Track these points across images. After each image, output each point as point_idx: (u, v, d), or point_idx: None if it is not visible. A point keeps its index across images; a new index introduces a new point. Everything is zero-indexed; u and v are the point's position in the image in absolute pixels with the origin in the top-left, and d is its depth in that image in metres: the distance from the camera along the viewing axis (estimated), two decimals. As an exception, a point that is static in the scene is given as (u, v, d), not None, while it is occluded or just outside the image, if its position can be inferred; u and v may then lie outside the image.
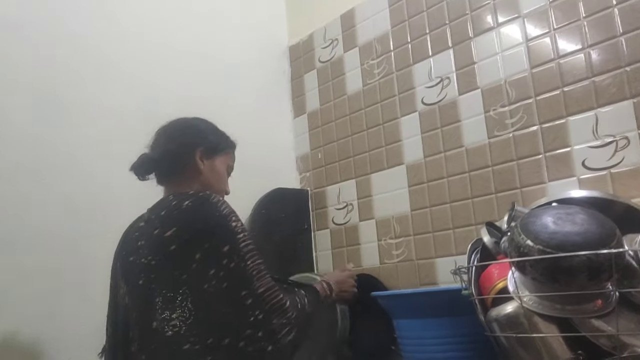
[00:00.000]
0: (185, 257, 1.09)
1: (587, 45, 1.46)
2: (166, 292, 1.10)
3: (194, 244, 1.10)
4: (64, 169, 1.63)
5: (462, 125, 1.72)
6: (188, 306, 1.08)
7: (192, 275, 1.08)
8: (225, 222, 1.12)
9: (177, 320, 1.07)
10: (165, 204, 1.20)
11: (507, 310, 1.09)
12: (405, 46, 1.92)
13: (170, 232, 1.12)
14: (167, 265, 1.11)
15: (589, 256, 0.95)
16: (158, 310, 1.09)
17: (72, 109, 1.69)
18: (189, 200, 1.14)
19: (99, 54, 1.78)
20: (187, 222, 1.12)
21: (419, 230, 1.81)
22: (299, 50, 2.36)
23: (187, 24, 2.06)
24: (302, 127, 2.29)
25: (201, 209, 1.13)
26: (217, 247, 1.09)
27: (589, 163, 1.43)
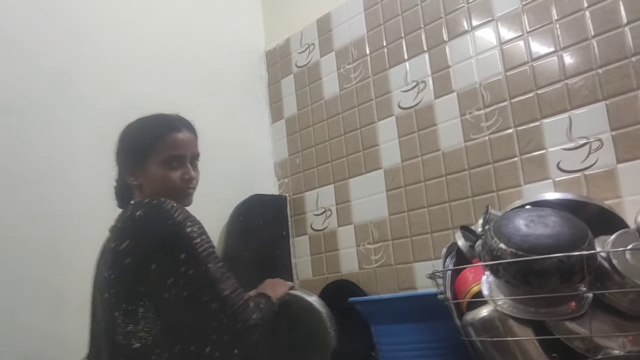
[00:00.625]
0: (141, 269, 1.07)
1: (560, 48, 1.47)
2: (126, 305, 1.08)
3: (148, 255, 1.07)
4: (43, 176, 1.60)
5: (439, 129, 1.72)
6: (151, 317, 1.06)
7: (149, 286, 1.06)
8: (178, 229, 1.08)
9: (143, 332, 1.05)
10: (123, 215, 1.18)
11: (482, 314, 1.08)
12: (381, 50, 1.92)
13: (124, 245, 1.10)
14: (124, 279, 1.09)
15: (561, 258, 0.95)
16: (121, 325, 1.07)
17: (50, 115, 1.65)
18: (141, 210, 1.12)
19: (74, 59, 1.75)
20: (140, 233, 1.10)
21: (397, 235, 1.80)
22: (275, 55, 2.34)
23: (164, 28, 2.03)
24: (280, 133, 2.27)
25: (153, 218, 1.10)
26: (173, 256, 1.06)
27: (564, 165, 1.43)
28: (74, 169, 1.67)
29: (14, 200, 1.54)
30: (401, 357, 1.35)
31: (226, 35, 2.27)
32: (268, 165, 2.28)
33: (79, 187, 1.66)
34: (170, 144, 1.23)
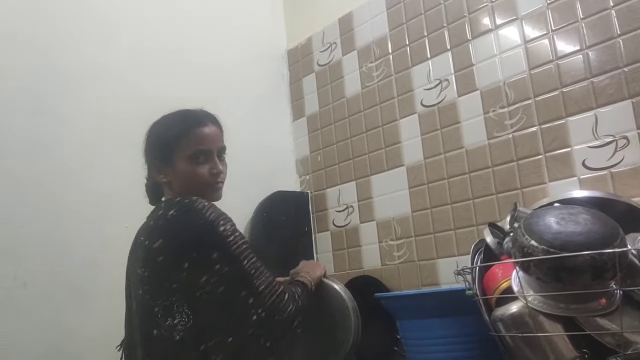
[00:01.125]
0: (173, 267, 1.10)
1: (585, 46, 1.48)
2: (162, 301, 1.11)
3: (180, 254, 1.10)
4: (60, 175, 1.64)
5: (462, 126, 1.73)
6: (186, 312, 1.09)
7: (182, 284, 1.09)
8: (211, 228, 1.10)
9: (180, 325, 1.08)
10: (154, 213, 1.21)
11: (512, 310, 1.09)
12: (404, 49, 1.93)
13: (157, 244, 1.12)
14: (157, 276, 1.12)
15: (593, 256, 0.96)
16: (160, 319, 1.10)
17: (69, 116, 1.68)
18: (173, 210, 1.14)
19: (95, 59, 1.78)
20: (173, 232, 1.12)
21: (420, 232, 1.82)
22: (297, 54, 2.37)
23: (186, 28, 2.06)
24: (302, 130, 2.30)
25: (186, 218, 1.12)
26: (206, 255, 1.09)
27: (589, 163, 1.44)
28: (94, 168, 1.70)
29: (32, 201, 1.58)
30: (428, 351, 1.37)
31: (248, 35, 2.29)
32: (290, 162, 2.31)
33: (99, 186, 1.70)
34: (196, 138, 1.23)
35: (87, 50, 1.77)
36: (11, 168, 1.55)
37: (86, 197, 1.66)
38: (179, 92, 1.92)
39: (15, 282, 1.51)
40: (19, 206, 1.54)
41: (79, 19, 1.77)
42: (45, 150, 1.61)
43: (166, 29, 2.00)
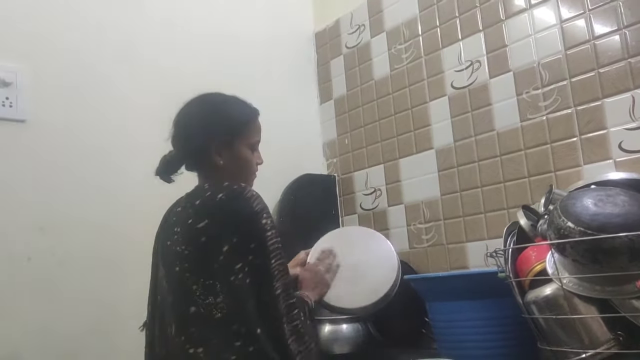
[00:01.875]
0: (214, 249, 1.11)
1: (623, 26, 1.44)
2: (204, 280, 1.11)
3: (223, 237, 1.11)
4: (93, 156, 1.67)
5: (493, 108, 1.71)
6: (225, 293, 1.10)
7: (221, 266, 1.10)
8: (255, 219, 1.11)
9: (223, 303, 1.09)
10: (200, 193, 1.20)
11: (546, 292, 1.09)
12: (434, 30, 1.91)
13: (202, 224, 1.13)
14: (199, 255, 1.13)
15: (631, 237, 0.94)
16: (200, 296, 1.11)
17: (98, 100, 1.72)
18: (222, 194, 1.15)
19: (122, 42, 1.80)
20: (219, 215, 1.13)
21: (449, 215, 1.81)
22: (325, 36, 2.35)
23: (214, 10, 2.07)
24: (329, 113, 2.29)
25: (234, 204, 1.13)
26: (245, 243, 1.10)
27: (626, 145, 1.41)
28: (124, 148, 1.74)
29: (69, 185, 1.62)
30: (457, 334, 1.37)
31: (276, 18, 2.28)
32: (317, 145, 2.31)
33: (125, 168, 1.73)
34: (257, 128, 1.31)
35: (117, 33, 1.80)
36: (48, 151, 1.59)
37: (118, 176, 1.69)
38: (207, 76, 1.94)
39: (53, 259, 1.55)
40: (56, 186, 1.59)
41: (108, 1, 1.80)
42: (77, 134, 1.65)
43: (194, 12, 2.01)
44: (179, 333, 1.14)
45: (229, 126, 1.27)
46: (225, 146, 1.26)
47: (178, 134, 1.28)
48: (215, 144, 1.25)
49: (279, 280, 1.10)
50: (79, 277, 1.58)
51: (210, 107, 1.30)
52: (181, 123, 1.29)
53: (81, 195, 1.62)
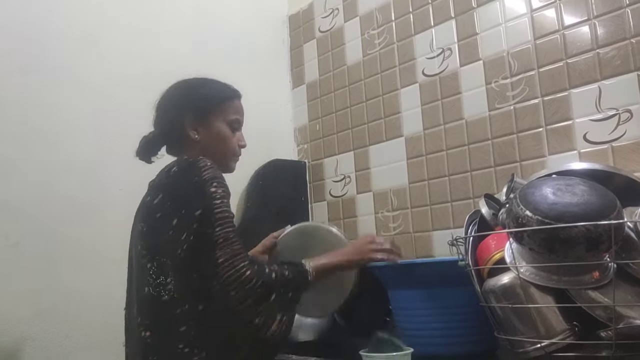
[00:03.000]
0: (166, 223, 1.08)
1: (593, 16, 1.44)
2: (159, 257, 1.09)
3: (173, 210, 1.09)
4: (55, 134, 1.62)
5: (463, 97, 1.70)
6: (174, 271, 1.08)
7: (170, 240, 1.07)
8: (203, 187, 1.08)
9: (171, 285, 1.06)
10: (160, 171, 1.19)
11: (503, 280, 1.08)
12: (407, 16, 1.88)
13: (157, 199, 1.12)
14: (155, 232, 1.11)
15: (588, 227, 0.94)
16: (152, 276, 1.09)
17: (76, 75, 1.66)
18: (176, 166, 1.14)
19: (101, 20, 1.74)
20: (170, 188, 1.12)
21: (416, 203, 1.80)
22: (298, 19, 2.32)
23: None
24: (301, 98, 2.26)
25: (184, 175, 1.11)
26: (191, 212, 1.06)
27: (591, 136, 1.41)
28: (88, 129, 1.68)
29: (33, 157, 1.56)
30: (419, 322, 1.36)
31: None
32: (288, 131, 2.28)
33: (93, 147, 1.68)
34: (236, 108, 1.32)
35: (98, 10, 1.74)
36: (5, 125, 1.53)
37: (81, 158, 1.64)
38: (179, 58, 1.90)
39: (7, 242, 1.50)
40: (11, 163, 1.52)
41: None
42: (40, 109, 1.59)
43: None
44: (137, 314, 1.12)
45: (203, 101, 1.28)
46: (200, 121, 1.26)
47: (157, 115, 1.30)
48: (189, 118, 1.25)
49: (223, 248, 1.04)
50: (36, 260, 1.53)
51: (186, 86, 1.31)
52: (160, 104, 1.30)
53: (38, 173, 1.57)
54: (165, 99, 1.30)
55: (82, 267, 1.59)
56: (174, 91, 1.31)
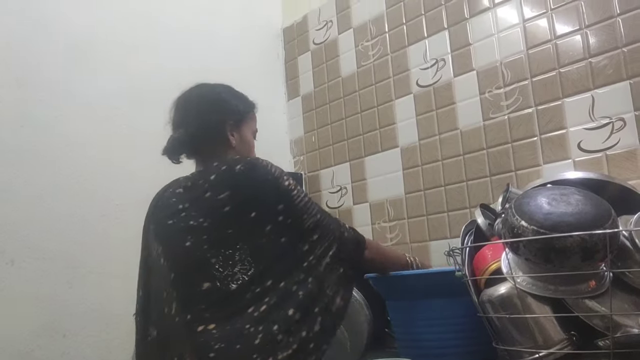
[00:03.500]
0: (240, 217, 1.14)
1: (584, 25, 1.45)
2: (224, 250, 1.13)
3: (248, 204, 1.15)
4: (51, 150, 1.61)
5: (457, 107, 1.71)
6: (247, 259, 1.12)
7: (248, 232, 1.13)
8: (277, 183, 1.17)
9: (240, 274, 1.10)
10: (213, 170, 1.20)
11: (500, 291, 1.08)
12: (400, 27, 1.89)
13: (223, 195, 1.15)
14: (222, 225, 1.15)
15: (583, 237, 0.94)
16: (218, 269, 1.11)
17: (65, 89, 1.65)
18: (240, 165, 1.18)
19: (90, 34, 1.75)
20: (242, 185, 1.16)
21: (413, 214, 1.80)
22: (293, 32, 2.33)
23: (181, 5, 2.03)
24: (296, 110, 2.27)
25: (254, 173, 1.17)
26: (272, 206, 1.16)
27: (585, 145, 1.42)
28: (83, 145, 1.68)
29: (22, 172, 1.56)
30: (416, 333, 1.35)
31: (243, 12, 2.25)
32: (284, 142, 2.28)
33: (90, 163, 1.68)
34: (255, 118, 1.41)
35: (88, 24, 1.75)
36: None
37: (76, 174, 1.64)
38: (174, 70, 1.91)
39: (2, 258, 1.49)
40: (3, 182, 1.52)
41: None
42: (36, 125, 1.59)
43: (159, 4, 1.96)
44: (183, 311, 1.11)
45: (238, 108, 1.34)
46: (236, 127, 1.32)
47: (188, 114, 1.31)
48: (230, 122, 1.31)
49: (315, 231, 1.18)
50: (32, 277, 1.52)
51: (220, 89, 1.36)
52: (192, 103, 1.32)
53: (33, 190, 1.56)
54: (197, 98, 1.32)
55: (78, 284, 1.58)
56: (206, 92, 1.34)
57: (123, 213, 1.68)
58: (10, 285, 1.47)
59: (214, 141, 1.30)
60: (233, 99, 1.35)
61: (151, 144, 1.78)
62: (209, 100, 1.32)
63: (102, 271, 1.60)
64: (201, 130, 1.28)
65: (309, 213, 1.19)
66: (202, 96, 1.33)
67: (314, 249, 1.17)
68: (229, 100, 1.34)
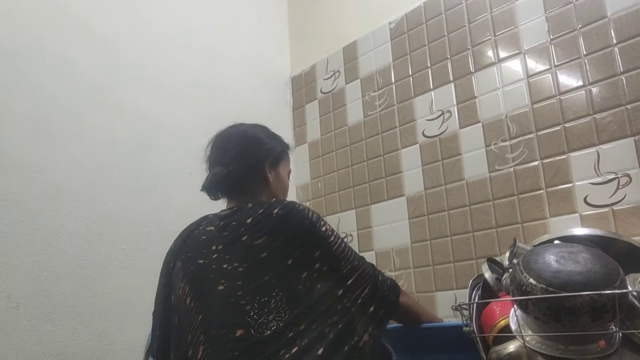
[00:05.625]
0: (277, 263, 1.12)
1: (588, 82, 1.48)
2: (259, 297, 1.09)
3: (285, 251, 1.13)
4: (54, 196, 1.61)
5: (463, 158, 1.72)
6: (283, 306, 1.09)
7: (284, 279, 1.11)
8: (315, 228, 1.16)
9: (275, 322, 1.07)
10: (249, 211, 1.19)
11: (509, 349, 1.07)
12: (407, 79, 1.94)
13: (260, 240, 1.13)
14: (257, 271, 1.12)
15: (592, 296, 0.94)
16: (254, 317, 1.08)
17: (69, 139, 1.68)
18: (277, 208, 1.16)
19: (100, 85, 1.78)
20: (280, 230, 1.14)
21: (419, 263, 1.80)
22: (301, 80, 2.38)
23: (192, 53, 2.08)
24: (303, 157, 2.29)
25: (291, 217, 1.16)
26: (309, 253, 1.14)
27: (591, 199, 1.42)
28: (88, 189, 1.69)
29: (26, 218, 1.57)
30: (423, 388, 1.34)
31: (254, 61, 2.31)
32: (290, 189, 2.28)
33: (95, 207, 1.69)
34: (289, 161, 1.44)
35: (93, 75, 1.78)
36: (6, 186, 1.54)
37: (82, 219, 1.65)
38: (184, 118, 1.95)
39: (8, 303, 1.49)
40: (11, 226, 1.53)
41: (85, 44, 1.78)
42: (39, 170, 1.60)
43: (172, 54, 2.01)
44: (214, 356, 1.08)
45: (276, 147, 1.36)
46: (273, 166, 1.34)
47: (228, 152, 1.30)
48: (269, 160, 1.32)
49: (350, 277, 1.16)
50: (36, 321, 1.51)
51: (259, 129, 1.39)
52: (232, 141, 1.32)
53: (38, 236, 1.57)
54: (238, 138, 1.32)
55: (81, 328, 1.56)
56: (249, 132, 1.35)
57: (129, 258, 1.68)
58: (14, 330, 1.46)
59: (252, 179, 1.30)
60: (271, 138, 1.38)
61: (157, 190, 1.82)
62: (249, 138, 1.33)
63: (105, 315, 1.59)
64: (242, 167, 1.28)
65: (347, 259, 1.18)
66: (242, 134, 1.34)
67: (349, 293, 1.15)
68: (267, 139, 1.36)
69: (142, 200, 1.77)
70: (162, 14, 2.01)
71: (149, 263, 1.30)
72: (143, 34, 1.93)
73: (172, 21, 2.04)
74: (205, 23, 2.16)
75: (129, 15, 1.90)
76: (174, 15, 2.05)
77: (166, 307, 1.22)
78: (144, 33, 1.94)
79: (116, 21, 1.86)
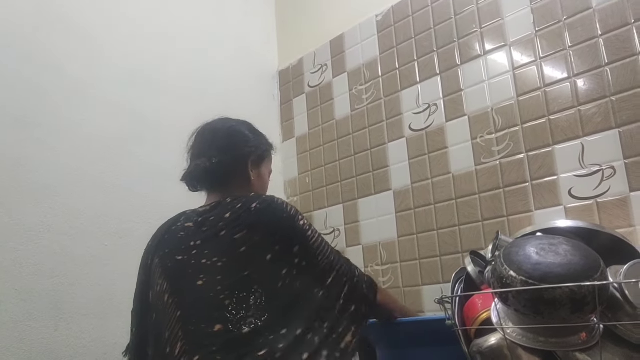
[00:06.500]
0: (256, 258, 1.11)
1: (573, 74, 1.47)
2: (238, 292, 1.08)
3: (265, 245, 1.12)
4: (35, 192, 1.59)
5: (449, 151, 1.71)
6: (262, 305, 1.07)
7: (263, 274, 1.10)
8: (293, 222, 1.16)
9: (253, 318, 1.05)
10: (227, 207, 1.18)
11: (490, 342, 1.06)
12: (394, 72, 1.92)
13: (240, 235, 1.12)
14: (237, 266, 1.11)
15: (572, 288, 0.93)
16: (232, 311, 1.06)
17: (50, 133, 1.65)
18: (255, 203, 1.16)
19: (83, 79, 1.76)
20: (257, 224, 1.14)
21: (405, 257, 1.79)
22: (288, 74, 2.36)
23: (178, 47, 2.06)
24: (291, 151, 2.28)
25: (270, 210, 1.16)
26: (288, 248, 1.13)
27: (575, 192, 1.42)
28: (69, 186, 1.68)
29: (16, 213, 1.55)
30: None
31: (241, 55, 2.29)
32: (278, 183, 2.28)
33: (76, 203, 1.67)
34: (271, 160, 1.43)
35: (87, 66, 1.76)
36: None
37: (63, 214, 1.62)
38: (170, 112, 1.93)
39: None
40: None
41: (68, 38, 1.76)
42: (20, 165, 1.58)
43: (158, 48, 1.99)
44: (191, 351, 1.05)
45: (260, 146, 1.36)
46: (256, 164, 1.33)
47: (213, 144, 1.29)
48: (252, 158, 1.32)
49: (330, 273, 1.16)
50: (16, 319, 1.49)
51: (245, 125, 1.38)
52: (218, 135, 1.31)
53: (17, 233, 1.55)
54: (223, 134, 1.31)
55: (63, 325, 1.55)
56: (235, 128, 1.34)
57: (111, 254, 1.67)
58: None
59: (234, 175, 1.29)
60: (256, 136, 1.37)
61: (141, 185, 1.80)
62: (235, 133, 1.33)
63: (84, 312, 1.57)
64: (225, 162, 1.27)
65: (323, 254, 1.18)
66: (229, 129, 1.33)
67: (328, 293, 1.15)
68: (253, 137, 1.36)
69: (126, 195, 1.75)
70: (147, 7, 1.99)
71: (132, 259, 1.28)
72: (127, 27, 1.91)
73: (158, 14, 2.02)
74: (191, 17, 2.14)
75: (113, 9, 1.88)
76: (159, 8, 2.03)
77: (144, 305, 1.21)
78: (128, 26, 1.92)
79: (100, 14, 1.84)
